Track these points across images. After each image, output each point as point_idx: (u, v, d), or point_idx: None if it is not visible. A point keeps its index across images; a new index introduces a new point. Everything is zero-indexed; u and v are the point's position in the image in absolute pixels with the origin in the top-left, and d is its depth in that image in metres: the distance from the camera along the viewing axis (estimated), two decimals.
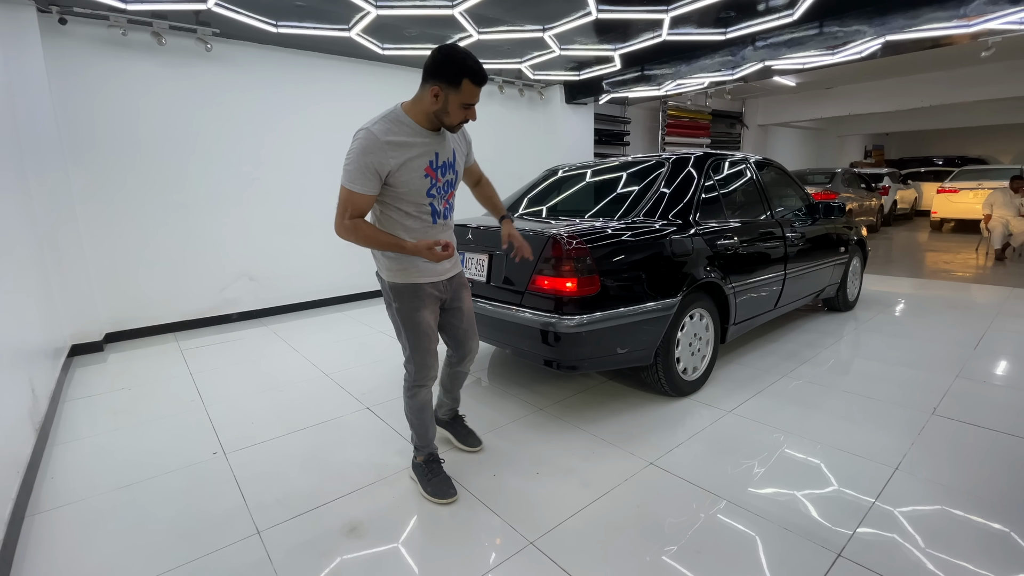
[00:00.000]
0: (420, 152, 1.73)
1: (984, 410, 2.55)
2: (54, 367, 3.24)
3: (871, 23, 4.18)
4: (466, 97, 1.67)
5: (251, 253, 4.87)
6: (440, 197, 1.83)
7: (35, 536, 1.83)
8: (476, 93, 1.69)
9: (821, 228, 3.86)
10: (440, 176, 1.80)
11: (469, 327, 2.07)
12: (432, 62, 1.66)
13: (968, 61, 7.76)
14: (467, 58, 1.64)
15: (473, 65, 1.64)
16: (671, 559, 1.61)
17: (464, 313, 2.04)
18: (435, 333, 1.95)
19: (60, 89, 3.81)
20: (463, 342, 2.08)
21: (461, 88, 1.65)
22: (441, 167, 1.80)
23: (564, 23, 4.37)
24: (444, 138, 1.81)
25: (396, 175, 1.70)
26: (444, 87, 1.65)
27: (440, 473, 2.02)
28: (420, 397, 1.98)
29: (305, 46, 4.84)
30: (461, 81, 1.64)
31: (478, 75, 1.66)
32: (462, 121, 1.75)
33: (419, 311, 1.86)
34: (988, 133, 15.11)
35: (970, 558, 1.57)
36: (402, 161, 1.70)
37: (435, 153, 1.77)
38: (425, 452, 2.04)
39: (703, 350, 2.88)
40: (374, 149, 1.66)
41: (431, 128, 1.75)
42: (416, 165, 1.72)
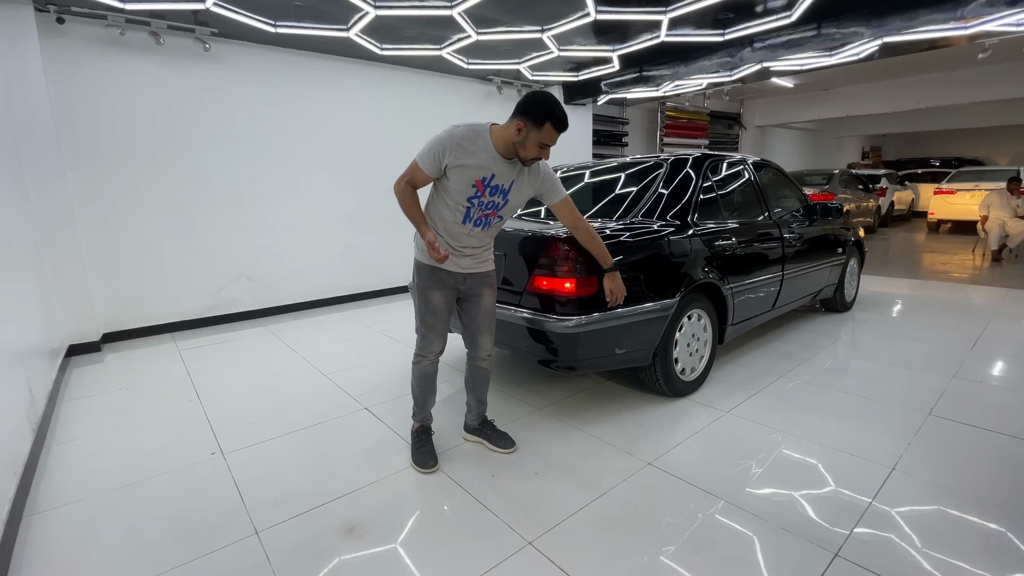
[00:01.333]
0: (479, 166, 1.94)
1: (980, 410, 2.56)
2: (51, 367, 3.23)
3: (869, 25, 4.20)
4: (545, 138, 1.89)
5: (249, 253, 4.86)
6: (478, 208, 2.02)
7: (33, 536, 1.83)
8: (555, 137, 1.91)
9: (819, 229, 3.87)
10: (487, 194, 2.00)
11: (484, 323, 2.22)
12: (524, 102, 1.90)
13: (965, 63, 7.80)
14: (555, 106, 1.88)
15: (559, 113, 1.88)
16: (669, 559, 1.61)
17: (481, 309, 2.20)
18: (443, 314, 2.15)
19: (58, 89, 3.80)
20: (475, 336, 2.25)
21: (543, 129, 1.87)
22: (492, 188, 1.99)
23: (563, 24, 4.37)
24: (511, 167, 1.99)
25: (451, 171, 1.95)
26: (528, 124, 1.87)
27: (428, 444, 2.26)
28: (421, 367, 2.22)
29: (304, 46, 4.84)
30: (544, 123, 1.86)
31: (561, 122, 1.89)
32: (536, 157, 1.95)
33: (431, 289, 2.11)
34: (985, 135, 15.16)
35: (967, 558, 1.58)
36: (460, 164, 1.93)
37: (492, 174, 1.97)
38: (420, 419, 2.30)
39: (701, 351, 2.88)
40: (446, 142, 1.91)
41: (504, 154, 1.95)
42: (470, 175, 1.94)
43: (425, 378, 2.24)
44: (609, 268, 2.23)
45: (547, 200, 2.14)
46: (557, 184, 2.13)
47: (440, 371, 3.22)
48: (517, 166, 2.00)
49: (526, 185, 2.06)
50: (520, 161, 1.97)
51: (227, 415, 2.79)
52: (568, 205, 2.14)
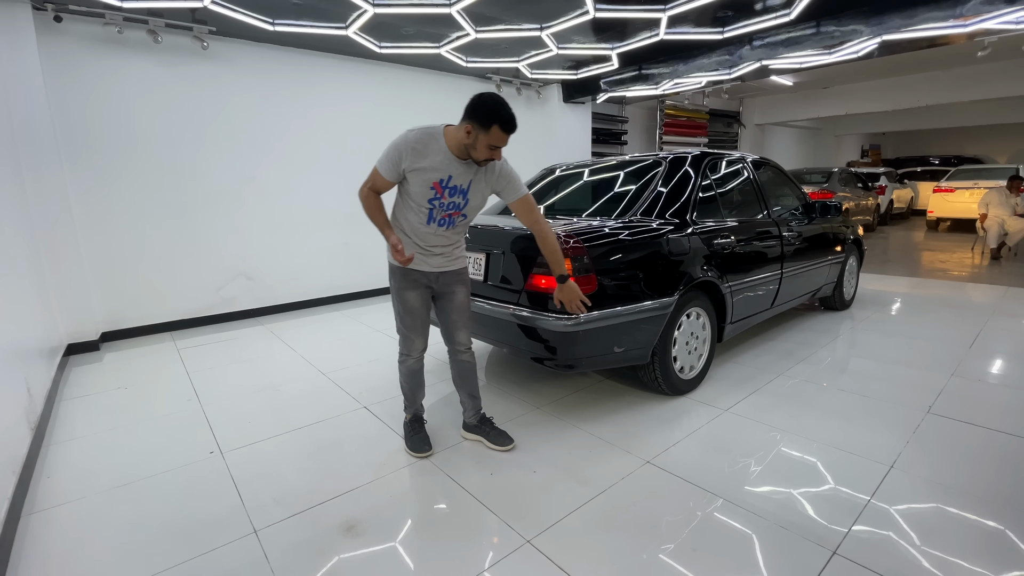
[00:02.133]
0: (434, 168, 1.97)
1: (979, 408, 2.56)
2: (50, 366, 3.22)
3: (868, 23, 4.19)
4: (493, 140, 1.91)
5: (248, 252, 4.86)
6: (439, 209, 2.06)
7: (31, 535, 1.83)
8: (504, 139, 1.93)
9: (818, 227, 3.87)
10: (447, 195, 2.03)
11: (459, 318, 2.27)
12: (471, 104, 1.91)
13: (964, 61, 7.79)
14: (502, 108, 1.90)
15: (506, 115, 1.89)
16: (668, 557, 1.61)
17: (456, 305, 2.24)
18: (420, 313, 2.21)
19: (55, 87, 3.79)
20: (452, 332, 2.30)
21: (491, 132, 1.89)
22: (450, 188, 2.03)
23: (562, 22, 4.36)
24: (468, 167, 2.02)
25: (410, 175, 1.99)
26: (476, 127, 1.89)
27: (421, 431, 2.37)
28: (407, 365, 2.29)
29: (302, 44, 4.83)
30: (492, 126, 1.88)
31: (508, 124, 1.90)
32: (487, 159, 1.98)
33: (405, 290, 2.17)
34: (984, 133, 15.17)
35: (965, 555, 1.58)
36: (417, 167, 1.97)
37: (449, 175, 2.00)
38: (411, 412, 2.41)
39: (700, 349, 2.88)
40: (402, 147, 1.96)
41: (459, 155, 1.98)
42: (427, 177, 1.98)
43: (412, 375, 2.32)
44: (561, 277, 2.11)
45: (505, 198, 2.14)
46: (516, 183, 2.13)
47: (439, 370, 3.24)
48: (474, 166, 2.03)
49: (483, 184, 2.09)
50: (475, 162, 2.00)
51: (226, 414, 2.79)
52: (527, 204, 2.12)
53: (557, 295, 2.15)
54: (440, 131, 1.99)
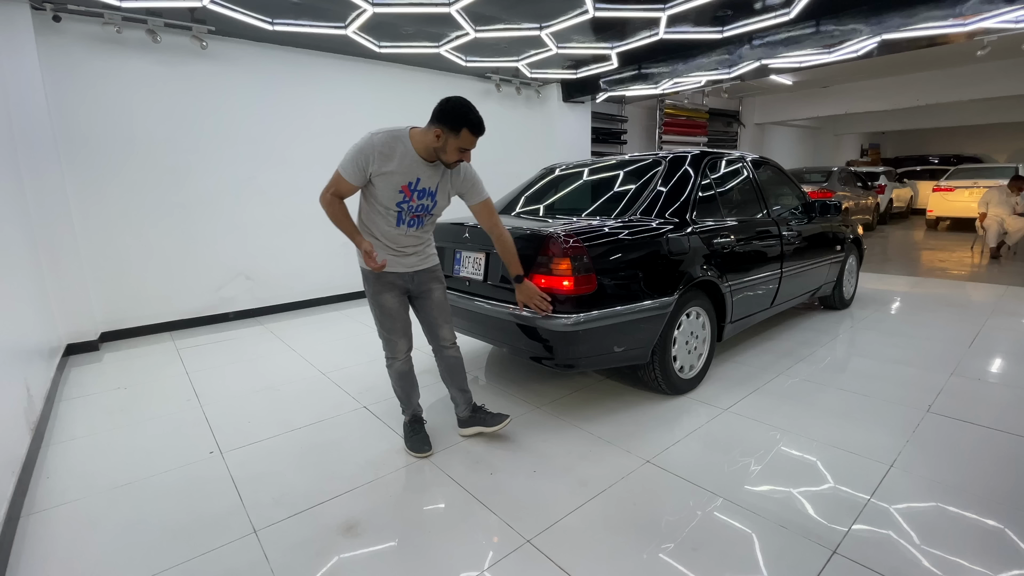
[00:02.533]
0: (403, 171, 1.97)
1: (979, 407, 2.56)
2: (49, 367, 3.22)
3: (867, 22, 4.19)
4: (463, 143, 1.93)
5: (248, 252, 4.85)
6: (408, 211, 2.07)
7: (31, 536, 1.83)
8: (473, 141, 1.95)
9: (817, 227, 3.87)
10: (415, 197, 2.04)
11: (439, 315, 2.29)
12: (440, 108, 1.92)
13: (964, 60, 7.79)
14: (470, 112, 1.91)
15: (474, 119, 1.91)
16: (668, 556, 1.61)
17: (434, 303, 2.27)
18: (400, 315, 2.21)
19: (54, 87, 3.79)
20: (435, 329, 2.32)
21: (460, 135, 1.91)
22: (419, 191, 2.04)
23: (561, 21, 4.36)
24: (435, 169, 2.04)
25: (377, 179, 1.98)
26: (446, 131, 1.91)
27: (420, 432, 2.35)
28: (395, 368, 2.29)
29: (301, 44, 4.82)
30: (461, 130, 1.90)
31: (477, 127, 1.93)
32: (457, 161, 2.00)
33: (381, 294, 2.16)
34: (984, 132, 15.17)
35: (965, 554, 1.58)
36: (385, 171, 1.95)
37: (417, 178, 2.01)
38: (409, 413, 2.40)
39: (700, 348, 2.88)
40: (368, 151, 1.93)
41: (427, 158, 1.99)
42: (396, 181, 1.98)
43: (403, 377, 2.32)
44: (518, 278, 2.25)
45: (467, 200, 2.19)
46: (479, 186, 2.17)
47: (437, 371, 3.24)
48: (440, 167, 2.05)
49: (449, 185, 2.12)
50: (443, 164, 2.02)
51: (225, 414, 2.78)
52: (487, 208, 2.18)
53: (518, 296, 2.28)
54: (406, 133, 1.98)
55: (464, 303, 2.75)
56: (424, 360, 3.54)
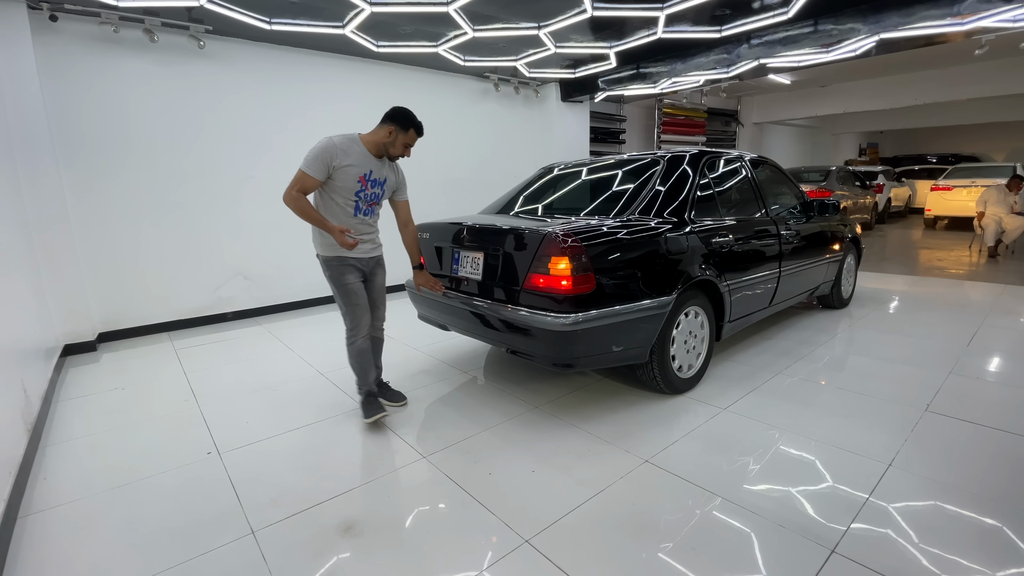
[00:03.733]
0: (358, 164, 2.41)
1: (977, 406, 2.56)
2: (47, 367, 3.21)
3: (865, 21, 4.20)
4: (409, 139, 2.49)
5: (246, 251, 4.84)
6: (364, 200, 2.49)
7: (28, 537, 1.82)
8: (415, 139, 2.51)
9: (816, 226, 3.87)
10: (369, 186, 2.48)
11: (379, 298, 2.70)
12: (392, 113, 2.45)
13: (962, 59, 7.80)
14: (415, 116, 2.49)
15: (418, 123, 2.50)
16: (667, 556, 1.61)
17: (376, 286, 2.66)
18: (361, 293, 2.55)
19: (51, 87, 3.78)
20: (374, 309, 2.68)
21: (408, 133, 2.47)
22: (372, 181, 2.49)
23: (559, 20, 4.36)
24: (382, 164, 2.52)
25: (337, 173, 2.37)
26: (398, 129, 2.45)
27: (375, 402, 2.62)
28: (357, 346, 2.56)
29: (299, 43, 4.82)
30: (409, 129, 2.46)
31: (420, 129, 2.51)
32: (401, 155, 2.52)
33: (345, 275, 2.49)
34: (981, 131, 15.20)
35: (963, 553, 1.58)
36: (345, 165, 2.37)
37: (370, 170, 2.46)
38: (364, 390, 2.65)
39: (698, 348, 2.88)
40: (331, 150, 2.34)
41: (376, 154, 2.48)
42: (354, 172, 2.40)
43: (362, 354, 2.58)
44: (418, 266, 2.78)
45: (396, 196, 2.68)
46: (405, 186, 2.72)
47: (437, 369, 3.24)
48: (386, 162, 2.54)
49: (392, 178, 2.61)
50: (388, 158, 2.52)
51: (223, 414, 2.78)
52: (407, 206, 2.73)
53: (416, 280, 2.80)
54: (357, 137, 2.44)
55: (462, 302, 2.74)
56: (423, 360, 3.54)
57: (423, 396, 2.94)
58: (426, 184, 6.07)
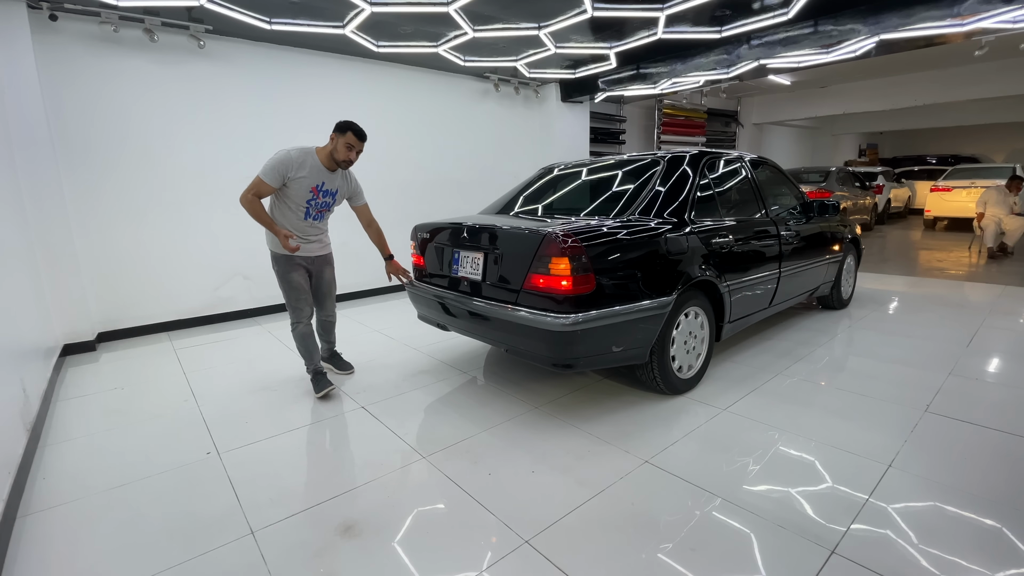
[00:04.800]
0: (312, 176, 2.73)
1: (976, 407, 2.56)
2: (46, 367, 3.21)
3: (865, 22, 4.20)
4: (348, 140, 2.71)
5: (245, 251, 4.84)
6: (314, 207, 2.82)
7: (27, 537, 1.82)
8: (355, 140, 2.73)
9: (815, 226, 3.87)
10: (320, 195, 2.81)
11: (327, 292, 3.07)
12: (337, 124, 2.72)
13: (961, 60, 7.81)
14: (354, 123, 2.74)
15: (356, 127, 2.73)
16: (666, 556, 1.61)
17: (324, 282, 3.03)
18: (304, 288, 2.88)
19: (51, 86, 3.78)
20: (322, 302, 3.08)
21: (345, 134, 2.70)
22: (324, 192, 2.82)
23: (559, 21, 4.36)
24: (333, 176, 2.83)
25: (292, 183, 2.70)
26: (337, 135, 2.71)
27: (323, 380, 2.93)
28: (299, 331, 2.91)
29: (299, 43, 4.81)
30: (347, 131, 2.70)
31: (358, 132, 2.74)
32: (345, 159, 2.74)
33: (289, 272, 2.85)
34: (981, 132, 15.21)
35: (963, 554, 1.58)
36: (299, 177, 2.70)
37: (322, 181, 2.78)
38: (311, 369, 2.97)
39: (698, 348, 2.88)
40: (287, 163, 2.67)
41: (328, 167, 2.78)
42: (307, 183, 2.73)
43: (305, 338, 2.92)
44: (388, 256, 3.13)
45: (353, 202, 3.04)
46: (361, 192, 3.06)
47: (436, 369, 3.24)
48: (338, 174, 2.84)
49: (344, 188, 2.92)
50: (337, 165, 2.77)
51: (223, 414, 2.78)
52: (366, 209, 3.09)
53: (387, 269, 3.11)
54: (313, 151, 2.74)
55: (462, 303, 2.74)
56: (423, 361, 3.53)
57: (423, 396, 2.94)
58: (426, 184, 6.07)
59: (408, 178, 5.90)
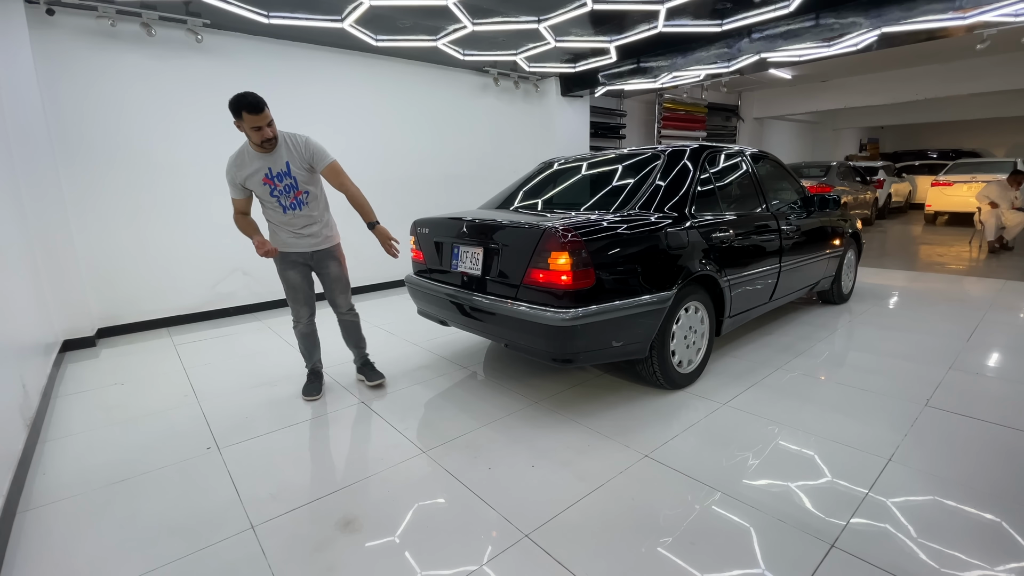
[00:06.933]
0: (255, 169, 2.49)
1: (977, 402, 2.56)
2: (45, 363, 3.21)
3: (867, 15, 4.18)
4: (249, 123, 2.34)
5: (244, 247, 4.77)
6: (284, 195, 2.57)
7: (27, 532, 1.82)
8: (255, 119, 2.33)
9: (816, 221, 3.86)
10: (277, 182, 2.53)
11: (335, 287, 2.84)
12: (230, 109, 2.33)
13: (963, 54, 7.76)
14: (242, 98, 2.29)
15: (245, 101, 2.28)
16: (666, 551, 1.61)
17: (331, 277, 2.82)
18: (301, 287, 2.76)
19: (49, 81, 3.76)
20: (332, 297, 2.88)
21: (244, 118, 2.32)
22: (276, 176, 2.52)
23: (559, 14, 4.33)
24: (275, 156, 2.50)
25: (248, 184, 2.53)
26: (237, 121, 2.36)
27: (315, 381, 2.92)
28: (298, 330, 2.86)
29: (297, 37, 4.79)
30: (241, 113, 2.31)
31: (251, 107, 2.29)
32: (261, 140, 2.40)
33: (287, 271, 2.73)
34: (982, 126, 15.15)
35: (962, 548, 1.58)
36: (245, 176, 2.50)
37: (268, 168, 2.50)
38: (309, 366, 2.96)
39: (698, 343, 2.88)
40: (229, 170, 2.52)
41: (261, 152, 2.48)
42: (256, 178, 2.50)
43: (306, 337, 2.87)
44: (371, 224, 2.71)
45: (317, 167, 2.61)
46: (320, 153, 2.59)
47: (436, 364, 3.24)
48: (279, 151, 2.51)
49: (297, 159, 2.55)
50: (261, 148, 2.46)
51: (222, 410, 2.78)
52: (333, 170, 2.62)
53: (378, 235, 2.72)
54: (246, 144, 2.50)
55: (462, 298, 2.74)
56: (423, 356, 3.53)
57: (423, 391, 2.94)
58: (425, 179, 6.06)
59: (407, 173, 5.88)
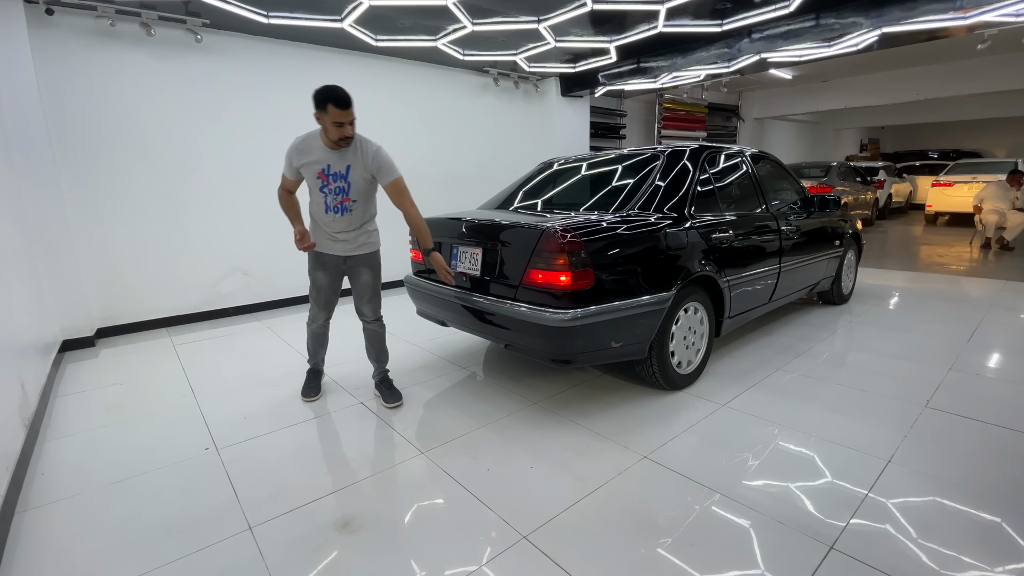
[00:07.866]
0: (316, 160, 2.43)
1: (977, 402, 2.56)
2: (45, 363, 3.20)
3: (867, 15, 4.17)
4: (333, 117, 2.29)
5: (244, 247, 4.83)
6: (331, 195, 2.48)
7: (25, 533, 1.82)
8: (341, 114, 2.30)
9: (816, 221, 3.85)
10: (331, 181, 2.46)
11: (363, 295, 2.72)
12: (314, 99, 2.32)
13: (964, 54, 7.75)
14: (331, 90, 2.28)
15: (336, 94, 2.27)
16: (665, 552, 1.61)
17: (361, 284, 2.71)
18: (325, 290, 2.69)
19: (48, 81, 3.75)
20: (359, 304, 2.77)
21: (328, 111, 2.28)
22: (333, 175, 2.46)
23: (559, 14, 4.33)
24: (341, 155, 2.45)
25: (303, 170, 2.47)
26: (319, 112, 2.33)
27: (315, 381, 2.90)
28: (312, 329, 2.81)
29: (297, 37, 4.78)
30: (327, 105, 2.27)
31: (340, 101, 2.28)
32: (341, 137, 2.35)
33: (315, 270, 2.66)
34: (983, 127, 15.14)
35: (962, 549, 1.58)
36: (302, 163, 2.44)
37: (328, 164, 2.44)
38: (312, 364, 2.93)
39: (697, 344, 2.87)
40: (291, 150, 2.46)
41: (332, 147, 2.43)
42: (313, 169, 2.45)
43: (316, 337, 2.83)
44: (426, 251, 2.59)
45: (380, 180, 2.51)
46: (387, 167, 2.49)
47: (435, 365, 3.24)
48: (347, 152, 2.44)
49: (360, 167, 2.47)
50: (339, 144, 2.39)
51: (221, 410, 2.77)
52: (396, 187, 2.51)
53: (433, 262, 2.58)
54: (318, 132, 2.43)
55: (461, 298, 2.73)
56: (422, 356, 3.53)
57: (421, 392, 2.93)
58: (424, 179, 6.04)
59: (407, 173, 5.78)
